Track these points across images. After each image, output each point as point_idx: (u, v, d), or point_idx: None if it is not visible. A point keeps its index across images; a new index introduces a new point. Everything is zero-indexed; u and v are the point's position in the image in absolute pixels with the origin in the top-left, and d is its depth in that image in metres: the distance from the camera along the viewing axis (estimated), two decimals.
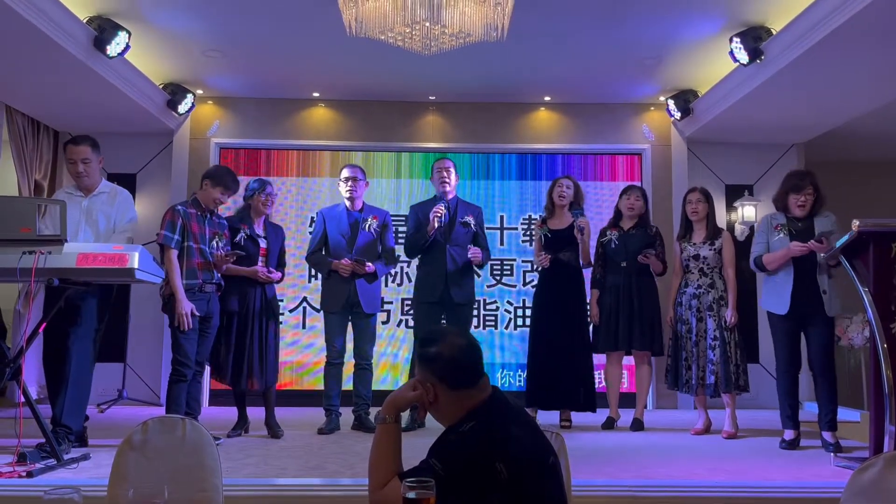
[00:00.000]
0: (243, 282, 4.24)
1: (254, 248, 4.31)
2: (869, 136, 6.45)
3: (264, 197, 4.36)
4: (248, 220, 4.36)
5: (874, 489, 1.84)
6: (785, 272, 4.05)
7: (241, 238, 4.27)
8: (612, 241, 4.78)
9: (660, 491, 2.63)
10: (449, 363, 1.89)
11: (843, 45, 4.29)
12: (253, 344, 4.21)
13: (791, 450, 3.97)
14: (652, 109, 6.31)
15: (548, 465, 1.88)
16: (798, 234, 4.05)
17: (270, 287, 4.36)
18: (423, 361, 1.92)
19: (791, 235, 4.06)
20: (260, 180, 4.46)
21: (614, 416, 4.70)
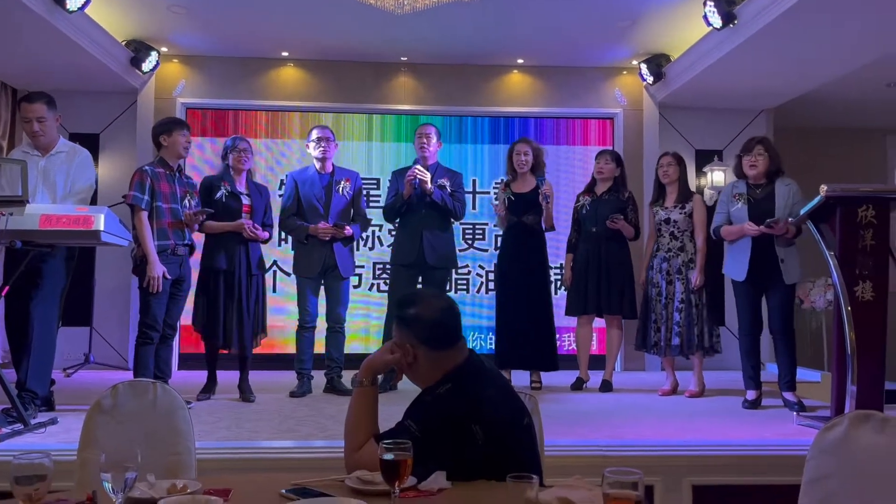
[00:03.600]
0: (230, 239, 4.18)
1: (236, 205, 4.25)
2: (836, 103, 6.52)
3: (236, 153, 4.29)
4: (229, 177, 4.30)
5: (839, 447, 1.89)
6: (743, 241, 4.12)
7: (222, 195, 4.21)
8: (584, 206, 4.80)
9: (629, 450, 2.68)
10: (430, 324, 1.88)
11: (813, 12, 4.30)
12: (238, 304, 4.17)
13: (753, 409, 4.08)
14: (625, 73, 6.29)
15: (522, 426, 1.91)
16: (757, 201, 4.12)
17: (255, 247, 4.31)
18: (402, 323, 1.91)
19: (749, 204, 4.12)
20: (233, 138, 4.43)
21: (584, 378, 4.77)
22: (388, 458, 1.50)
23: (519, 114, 6.29)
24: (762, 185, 4.17)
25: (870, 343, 3.32)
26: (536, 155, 4.79)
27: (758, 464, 2.64)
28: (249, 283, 4.23)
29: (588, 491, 1.55)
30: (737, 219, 4.16)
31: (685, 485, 2.61)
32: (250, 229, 4.18)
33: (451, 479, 1.67)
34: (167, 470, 1.97)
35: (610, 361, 4.85)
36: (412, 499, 1.59)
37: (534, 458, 1.92)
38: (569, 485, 1.67)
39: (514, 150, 4.80)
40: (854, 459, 1.83)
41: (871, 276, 3.40)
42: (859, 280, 3.39)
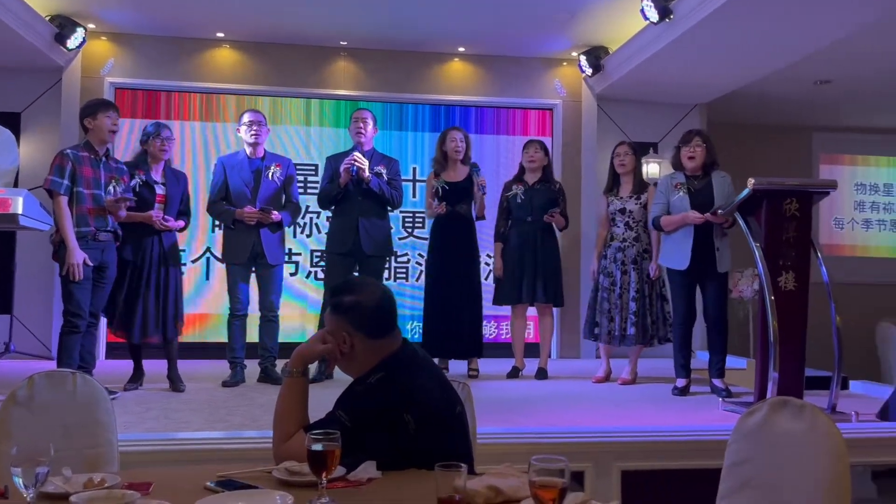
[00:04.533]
0: (139, 229, 4.03)
1: (149, 195, 4.09)
2: (766, 99, 6.73)
3: (160, 142, 4.13)
4: (145, 165, 4.14)
5: (759, 432, 1.95)
6: (685, 231, 4.20)
7: (136, 184, 4.04)
8: (517, 195, 4.81)
9: (560, 437, 2.72)
10: (367, 312, 1.86)
11: (745, 9, 4.41)
12: (150, 295, 4.03)
13: (682, 396, 4.19)
14: (564, 65, 6.35)
15: (454, 415, 1.90)
16: (697, 192, 4.21)
17: (169, 235, 4.16)
18: (338, 311, 1.88)
19: (690, 194, 4.21)
20: (156, 124, 4.23)
21: (519, 367, 4.82)
22: (314, 449, 1.48)
23: (459, 102, 6.28)
24: (699, 177, 4.26)
25: (791, 331, 3.45)
26: (468, 144, 4.80)
27: (684, 449, 2.72)
28: (167, 273, 4.09)
29: (517, 479, 1.56)
30: (677, 209, 4.23)
31: (614, 470, 2.67)
32: (160, 221, 4.05)
33: (381, 469, 1.66)
34: (88, 463, 1.91)
35: (544, 349, 4.91)
36: (341, 489, 1.58)
37: (465, 447, 1.93)
38: (498, 472, 1.67)
39: (449, 136, 4.78)
40: (772, 444, 1.90)
41: (794, 267, 3.54)
42: (783, 271, 3.52)
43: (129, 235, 4.01)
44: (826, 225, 7.78)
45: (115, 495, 1.40)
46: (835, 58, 5.54)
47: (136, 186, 4.04)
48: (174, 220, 4.16)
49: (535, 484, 1.34)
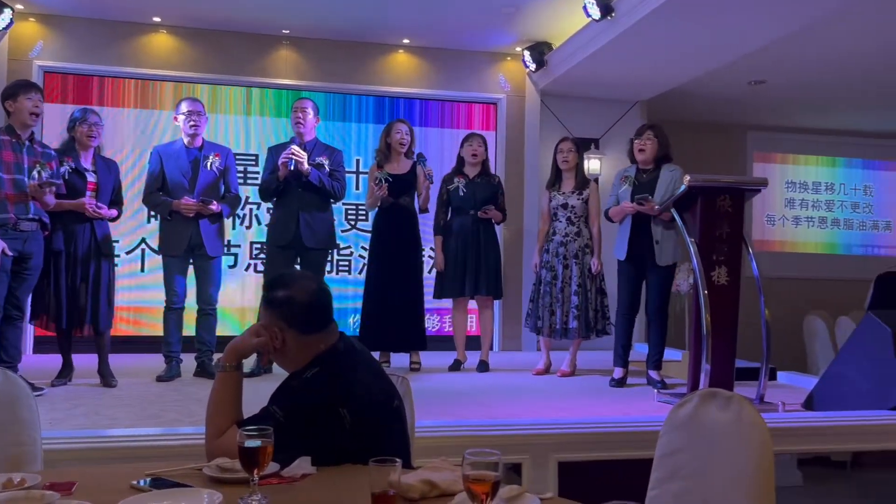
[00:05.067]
0: (71, 218, 3.88)
1: (80, 183, 3.93)
2: (703, 98, 6.90)
3: (86, 127, 3.97)
4: (74, 153, 3.98)
5: (689, 423, 2.00)
6: (625, 221, 4.31)
7: (66, 171, 3.88)
8: (459, 188, 4.81)
9: (498, 429, 2.74)
10: (300, 307, 1.83)
11: (683, 9, 4.51)
12: (80, 286, 3.89)
13: (619, 387, 4.28)
14: (509, 59, 6.38)
15: (392, 409, 1.90)
16: (642, 185, 4.29)
17: (102, 225, 4.02)
18: (271, 306, 1.86)
19: (635, 186, 4.29)
20: (83, 109, 4.08)
21: (461, 359, 4.84)
22: (246, 445, 1.46)
23: (404, 94, 6.25)
24: (649, 171, 4.34)
25: (723, 324, 3.56)
26: (412, 136, 4.80)
27: (619, 440, 2.77)
28: (98, 264, 3.95)
29: (452, 472, 1.56)
30: (623, 200, 4.32)
31: (551, 461, 2.71)
32: (93, 208, 3.90)
33: (317, 465, 1.65)
34: (9, 463, 1.83)
35: (486, 341, 4.94)
36: (274, 486, 1.55)
37: (403, 441, 1.92)
38: (434, 466, 1.67)
39: (394, 128, 4.76)
40: (701, 434, 1.95)
41: (727, 262, 3.64)
42: (716, 265, 3.62)
43: (60, 224, 3.86)
44: (759, 221, 8.04)
45: (35, 496, 1.35)
46: (769, 59, 5.72)
47: (65, 174, 3.87)
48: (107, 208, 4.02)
49: (468, 477, 1.34)
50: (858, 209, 8.33)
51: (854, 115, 7.64)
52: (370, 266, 4.83)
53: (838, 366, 3.59)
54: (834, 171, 8.32)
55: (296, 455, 1.65)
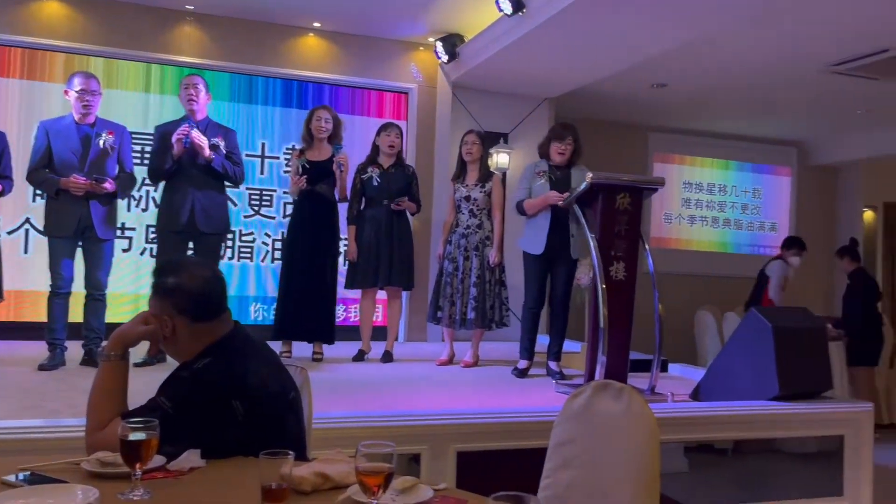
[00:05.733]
0: None
1: None
2: (609, 98, 7.11)
3: None
4: None
5: (583, 413, 2.05)
6: (544, 216, 4.34)
7: None
8: (373, 178, 4.78)
9: (397, 420, 2.73)
10: (190, 295, 1.77)
11: (593, 10, 4.63)
12: None
13: (521, 378, 4.36)
14: (421, 49, 6.36)
15: (288, 401, 1.86)
16: (556, 181, 4.37)
17: None
18: (160, 293, 1.79)
19: (551, 182, 4.37)
20: None
21: (365, 350, 4.81)
22: (128, 438, 1.40)
23: (313, 79, 6.12)
24: (561, 168, 4.43)
25: (620, 318, 3.68)
26: (336, 124, 4.71)
27: (516, 429, 2.82)
28: None
29: (347, 464, 1.54)
30: (538, 195, 4.36)
31: (450, 451, 2.73)
32: None
33: (207, 458, 1.59)
34: None
35: (392, 332, 4.93)
36: (158, 480, 1.49)
37: (298, 433, 1.89)
38: (328, 458, 1.65)
39: (315, 115, 4.68)
40: (593, 424, 2.01)
41: (624, 258, 3.77)
42: (614, 261, 3.75)
43: None
44: (658, 219, 8.37)
45: None
46: (671, 64, 5.95)
47: None
48: None
49: (360, 470, 1.33)
50: (747, 210, 8.81)
51: (745, 122, 8.07)
52: (285, 253, 4.76)
53: (723, 359, 3.78)
54: (727, 173, 8.76)
55: (184, 448, 1.59)
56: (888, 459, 5.42)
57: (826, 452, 3.77)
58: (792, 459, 4.88)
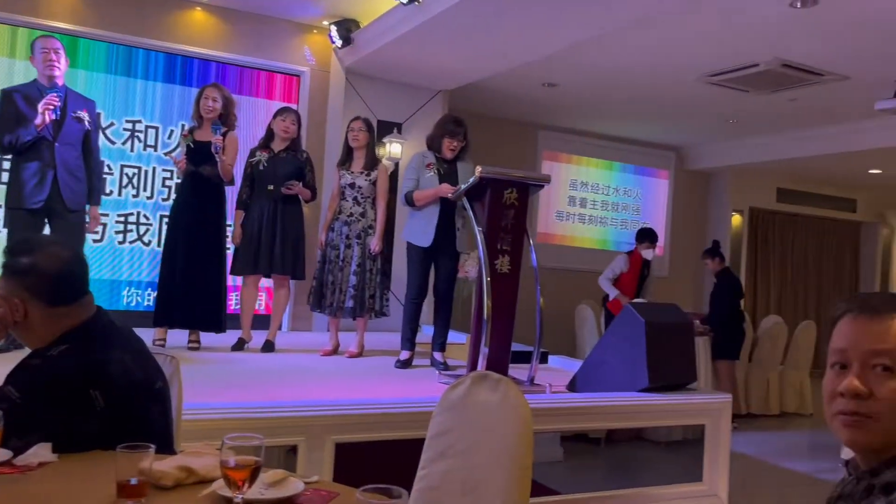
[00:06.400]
0: None
1: None
2: (502, 93, 7.23)
3: None
4: None
5: (461, 404, 2.07)
6: (432, 209, 4.34)
7: None
8: (261, 162, 4.64)
9: (273, 411, 2.66)
10: (46, 277, 1.65)
11: (487, 6, 4.66)
12: None
13: (405, 368, 4.36)
14: (315, 32, 6.22)
15: (153, 391, 1.77)
16: (445, 174, 4.38)
17: None
18: (12, 273, 1.65)
19: (440, 174, 4.37)
20: None
21: (245, 338, 4.66)
22: None
23: (199, 55, 5.85)
24: (449, 161, 4.44)
25: (503, 310, 3.75)
26: (227, 104, 4.53)
27: (396, 420, 2.82)
28: None
29: (214, 457, 1.48)
30: (427, 186, 4.35)
31: (328, 443, 2.68)
32: None
33: (63, 452, 1.49)
34: None
35: (275, 321, 4.81)
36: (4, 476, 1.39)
37: (164, 425, 1.80)
38: (194, 451, 1.58)
39: (203, 94, 4.49)
40: (470, 415, 2.03)
41: (510, 252, 3.83)
42: (499, 255, 3.80)
43: None
44: (547, 216, 8.60)
45: None
46: (561, 64, 6.11)
47: None
48: None
49: (225, 464, 1.28)
50: (628, 210, 9.22)
51: (630, 125, 8.43)
52: (168, 236, 4.54)
53: (599, 351, 3.93)
54: (611, 174, 9.12)
55: (34, 442, 1.49)
56: (744, 447, 5.84)
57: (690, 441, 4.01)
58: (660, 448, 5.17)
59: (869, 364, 1.07)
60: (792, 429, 7.09)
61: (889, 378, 1.06)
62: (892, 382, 1.05)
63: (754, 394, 7.36)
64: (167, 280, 4.41)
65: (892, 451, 1.06)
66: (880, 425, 1.05)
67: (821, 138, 7.84)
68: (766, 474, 5.30)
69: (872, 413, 1.06)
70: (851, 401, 1.07)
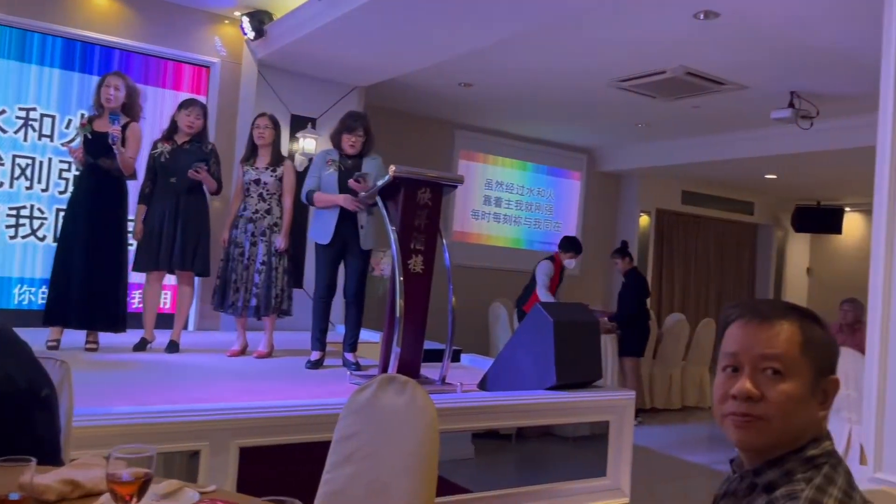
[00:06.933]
0: None
1: None
2: (420, 91, 7.21)
3: None
4: None
5: (368, 407, 2.05)
6: (333, 207, 4.30)
7: None
8: (163, 154, 4.48)
9: (173, 416, 2.56)
10: None
11: (399, 4, 4.64)
12: None
13: (315, 369, 4.30)
14: (226, 23, 6.03)
15: (39, 399, 1.67)
16: (347, 171, 4.34)
17: None
18: None
19: (340, 172, 4.33)
20: None
21: (148, 338, 4.49)
22: None
23: (101, 41, 5.56)
24: (353, 157, 4.39)
25: (415, 310, 3.74)
26: (130, 93, 4.34)
27: (302, 423, 2.76)
28: None
29: (102, 469, 1.41)
30: (328, 183, 4.31)
31: (232, 447, 2.60)
32: None
33: None
34: None
35: (179, 320, 4.65)
36: None
37: (51, 435, 1.71)
38: (81, 463, 1.51)
39: (105, 82, 4.30)
40: (377, 418, 2.01)
41: (423, 252, 3.83)
42: (412, 254, 3.79)
43: None
44: (463, 214, 8.66)
45: None
46: (476, 65, 6.15)
47: None
48: None
49: (112, 477, 1.22)
50: (541, 210, 9.39)
51: (544, 126, 8.58)
52: (64, 230, 4.33)
53: (509, 350, 3.99)
54: (525, 174, 9.26)
55: None
56: (647, 440, 6.07)
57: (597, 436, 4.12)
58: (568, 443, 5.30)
59: (759, 367, 1.12)
60: (692, 421, 7.41)
61: (779, 381, 1.11)
62: (781, 385, 1.11)
63: (658, 389, 7.66)
64: (60, 277, 4.20)
65: (776, 451, 1.11)
66: (770, 426, 1.10)
67: (722, 144, 8.21)
68: (667, 466, 5.52)
69: (763, 415, 1.10)
70: (743, 403, 1.11)
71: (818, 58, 5.35)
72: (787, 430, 1.10)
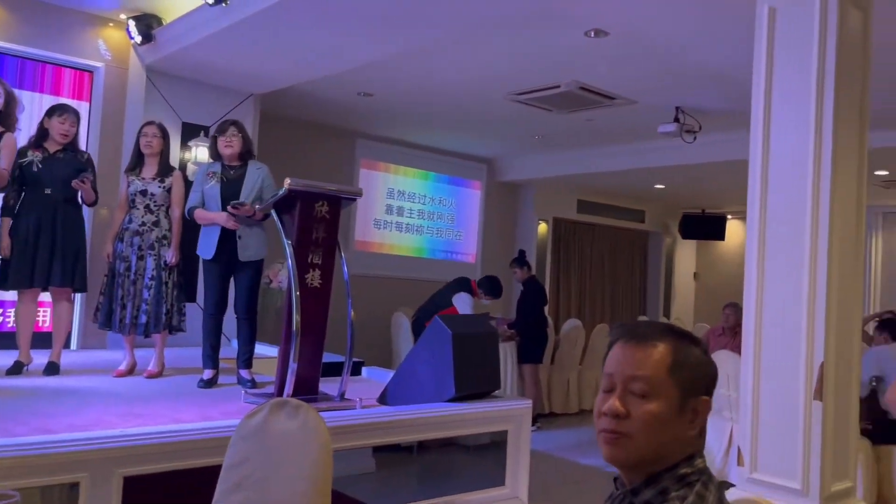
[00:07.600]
0: None
1: None
2: (319, 100, 7.12)
3: None
4: None
5: (259, 432, 2.00)
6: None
7: None
8: (34, 163, 4.21)
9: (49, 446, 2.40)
10: None
11: (296, 12, 4.56)
12: None
13: (208, 388, 4.15)
14: (111, 26, 5.75)
15: None
16: (230, 181, 4.24)
17: None
18: None
19: (222, 183, 4.22)
20: None
21: (24, 361, 4.21)
22: None
23: None
24: (236, 167, 4.28)
25: (313, 325, 3.68)
26: (9, 101, 4.11)
27: (193, 448, 2.65)
28: None
29: None
30: (210, 197, 4.21)
31: (115, 477, 2.46)
32: None
33: None
34: None
35: (58, 340, 4.37)
36: None
37: None
38: None
39: None
40: (268, 443, 1.96)
41: (321, 266, 3.78)
42: (310, 268, 3.73)
43: None
44: (365, 223, 8.59)
45: None
46: (375, 75, 6.14)
47: None
48: None
49: None
50: (443, 219, 9.47)
51: (445, 136, 8.66)
52: None
53: (409, 363, 3.98)
54: (426, 183, 9.31)
55: None
56: (546, 445, 6.21)
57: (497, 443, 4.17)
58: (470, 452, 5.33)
59: (628, 388, 1.17)
60: (588, 425, 7.63)
61: (644, 402, 1.16)
62: (646, 405, 1.16)
63: (556, 394, 7.85)
64: None
65: (647, 468, 1.16)
66: (633, 443, 1.15)
67: (614, 155, 8.55)
68: (564, 471, 5.66)
69: (627, 432, 1.16)
70: (612, 420, 1.16)
71: (700, 75, 5.66)
72: (651, 448, 1.15)
